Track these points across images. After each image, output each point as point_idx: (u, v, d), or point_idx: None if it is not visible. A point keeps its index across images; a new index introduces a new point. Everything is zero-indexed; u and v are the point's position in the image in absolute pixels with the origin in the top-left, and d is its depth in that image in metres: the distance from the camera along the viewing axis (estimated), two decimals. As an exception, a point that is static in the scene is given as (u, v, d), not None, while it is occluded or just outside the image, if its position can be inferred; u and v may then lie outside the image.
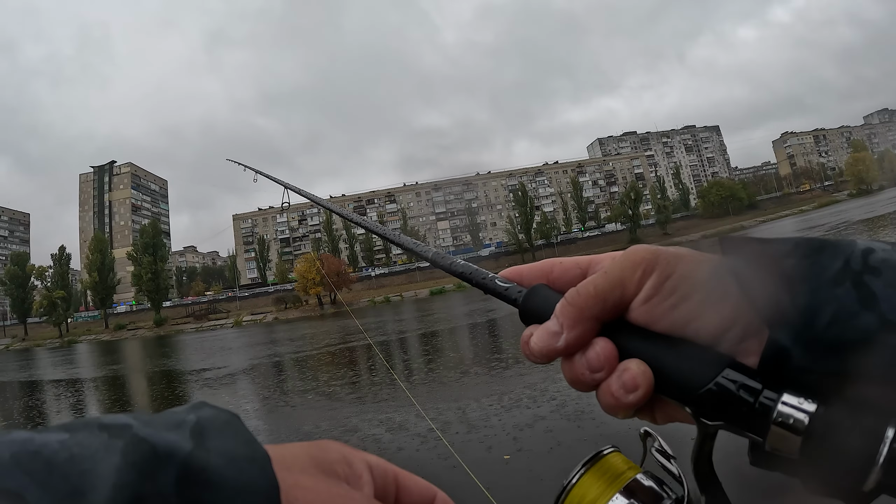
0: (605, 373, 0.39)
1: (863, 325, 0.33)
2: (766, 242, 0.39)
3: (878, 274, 0.34)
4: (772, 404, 0.34)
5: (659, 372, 0.38)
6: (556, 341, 0.41)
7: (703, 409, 0.37)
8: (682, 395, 0.38)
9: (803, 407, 0.34)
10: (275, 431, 8.15)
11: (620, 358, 0.40)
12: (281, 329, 42.27)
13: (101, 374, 22.07)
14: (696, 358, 0.38)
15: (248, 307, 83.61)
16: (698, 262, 0.40)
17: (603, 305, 0.40)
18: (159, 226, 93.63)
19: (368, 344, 19.78)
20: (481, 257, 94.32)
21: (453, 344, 16.30)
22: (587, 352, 0.40)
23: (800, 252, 0.37)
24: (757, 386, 0.36)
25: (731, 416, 0.36)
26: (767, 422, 0.34)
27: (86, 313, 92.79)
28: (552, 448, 5.68)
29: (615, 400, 0.39)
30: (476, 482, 4.01)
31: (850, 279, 0.35)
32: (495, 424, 6.74)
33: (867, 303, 0.34)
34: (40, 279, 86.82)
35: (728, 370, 0.36)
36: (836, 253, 0.36)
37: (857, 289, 0.34)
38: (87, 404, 14.21)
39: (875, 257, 0.35)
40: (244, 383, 14.39)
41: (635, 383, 0.38)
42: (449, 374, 10.64)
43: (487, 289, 0.48)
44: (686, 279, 0.39)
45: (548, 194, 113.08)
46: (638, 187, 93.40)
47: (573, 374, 0.41)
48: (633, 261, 0.41)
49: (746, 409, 0.35)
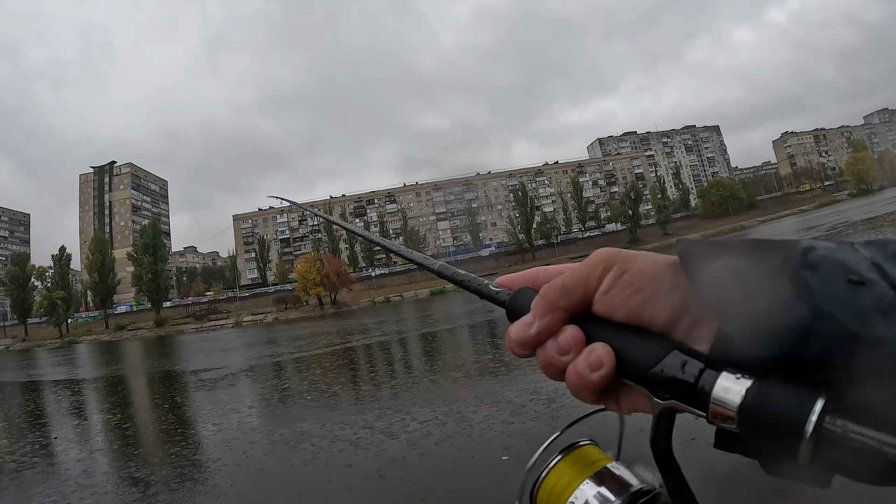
0: (573, 355, 0.44)
1: (798, 315, 0.36)
2: (716, 242, 0.42)
3: (815, 269, 0.37)
4: (711, 380, 0.38)
5: (619, 355, 0.42)
6: (528, 329, 0.46)
7: (654, 387, 0.41)
8: (636, 375, 0.42)
9: (740, 381, 0.37)
10: (274, 430, 8.12)
11: (587, 343, 0.44)
12: (281, 329, 42.25)
13: (100, 375, 22.05)
14: (649, 342, 0.42)
15: (249, 307, 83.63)
16: (653, 261, 0.45)
17: (569, 298, 0.45)
18: (159, 226, 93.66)
19: (368, 344, 19.77)
20: (481, 257, 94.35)
21: (453, 344, 16.27)
22: (558, 337, 0.45)
23: (745, 250, 0.40)
24: (699, 365, 0.39)
25: (677, 394, 0.39)
26: (708, 398, 0.38)
27: (86, 314, 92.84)
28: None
29: (581, 379, 0.43)
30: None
31: (788, 274, 0.37)
32: (496, 425, 6.71)
33: (802, 295, 0.36)
34: (40, 279, 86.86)
35: (675, 352, 0.40)
36: (778, 251, 0.39)
37: (794, 282, 0.37)
38: (86, 404, 14.19)
39: (815, 254, 0.38)
40: (243, 383, 14.37)
41: (600, 362, 0.42)
42: (447, 375, 10.62)
43: (482, 294, 0.53)
44: (640, 273, 0.44)
45: (548, 194, 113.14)
46: (638, 187, 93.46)
47: (545, 358, 0.45)
48: (596, 259, 0.46)
49: (689, 387, 0.39)
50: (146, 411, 11.83)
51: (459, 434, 6.54)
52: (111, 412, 11.79)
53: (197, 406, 11.56)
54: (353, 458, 6.21)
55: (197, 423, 9.70)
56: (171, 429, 9.22)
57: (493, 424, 6.66)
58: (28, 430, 10.32)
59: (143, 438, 8.92)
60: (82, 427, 10.49)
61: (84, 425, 10.68)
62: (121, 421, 10.42)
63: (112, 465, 7.42)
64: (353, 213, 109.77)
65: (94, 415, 12.00)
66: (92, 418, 11.43)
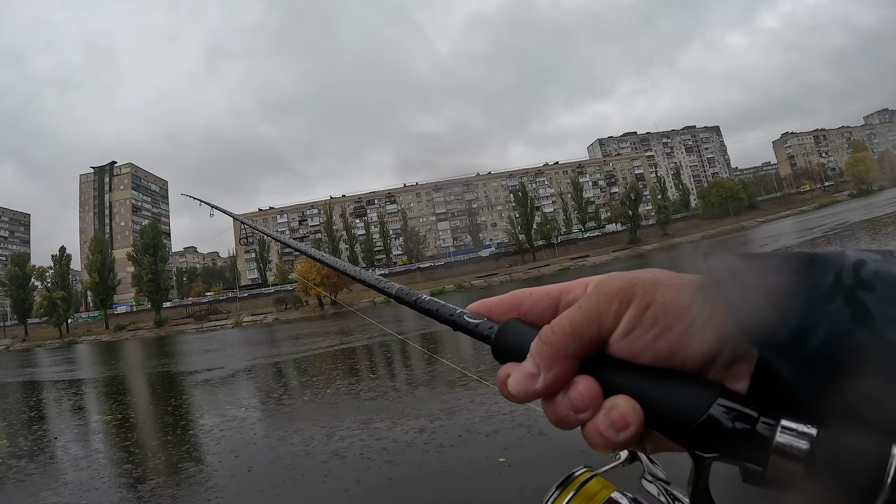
0: (591, 412, 0.37)
1: (858, 342, 0.31)
2: (753, 258, 0.37)
3: (871, 288, 0.33)
4: (769, 433, 0.32)
5: (648, 406, 0.36)
6: (533, 383, 0.39)
7: (698, 442, 0.35)
8: (674, 430, 0.36)
9: (803, 432, 0.32)
10: (272, 431, 8.14)
11: (605, 395, 0.37)
12: (281, 329, 42.27)
13: (99, 376, 22.07)
14: (685, 389, 0.36)
15: (249, 308, 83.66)
16: (679, 288, 0.38)
17: (580, 342, 0.38)
18: (159, 226, 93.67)
19: (367, 344, 19.78)
20: (482, 258, 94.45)
21: (453, 345, 16.28)
22: (569, 391, 0.38)
23: (788, 268, 0.35)
24: (753, 414, 0.34)
25: (728, 448, 0.34)
26: (767, 451, 0.32)
27: (86, 314, 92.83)
28: (549, 452, 5.65)
29: (604, 440, 0.36)
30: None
31: (843, 294, 0.33)
32: (498, 426, 6.73)
33: (861, 319, 0.32)
34: (40, 280, 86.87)
35: (721, 399, 0.34)
36: (827, 267, 0.34)
37: (850, 305, 0.32)
38: (86, 405, 14.21)
39: (867, 270, 0.33)
40: (242, 384, 14.39)
41: (625, 421, 0.36)
42: (445, 378, 10.63)
43: (457, 325, 0.45)
44: (667, 308, 0.37)
45: (548, 195, 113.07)
46: (638, 188, 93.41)
47: (556, 416, 0.39)
48: (609, 293, 0.38)
49: (744, 440, 0.33)
50: (146, 412, 11.85)
51: (456, 435, 6.55)
52: (111, 413, 11.80)
53: (196, 406, 11.58)
54: (352, 458, 6.23)
55: (196, 423, 9.73)
56: (170, 429, 9.25)
57: (494, 426, 6.66)
58: (28, 431, 10.34)
59: (142, 439, 8.93)
60: (82, 427, 10.50)
61: (84, 426, 10.70)
62: (121, 421, 10.44)
63: (111, 465, 7.44)
64: (353, 214, 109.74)
65: (93, 415, 12.02)
66: (92, 419, 11.45)
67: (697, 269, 0.38)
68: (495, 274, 78.83)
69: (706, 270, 0.37)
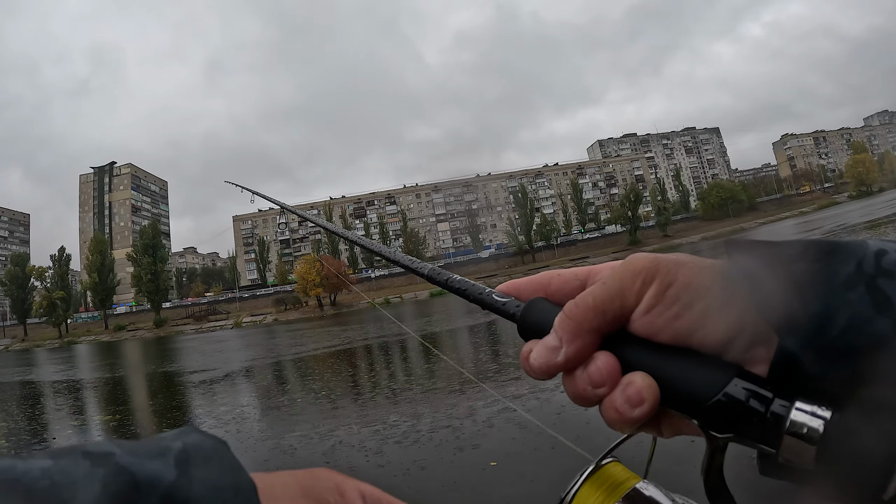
0: (608, 387, 0.38)
1: (878, 330, 0.32)
2: (774, 245, 0.37)
3: (892, 277, 0.33)
4: (784, 413, 0.33)
5: (665, 384, 0.37)
6: (555, 356, 0.39)
7: (712, 421, 0.35)
8: (689, 407, 0.36)
9: (818, 414, 0.32)
10: (274, 432, 8.15)
11: (623, 371, 0.38)
12: (280, 330, 42.27)
13: (99, 376, 22.05)
14: (702, 368, 0.36)
15: (248, 308, 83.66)
16: (700, 269, 0.38)
17: (602, 317, 0.39)
18: (159, 227, 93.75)
19: (367, 345, 19.79)
20: (481, 259, 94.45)
21: (453, 346, 16.29)
22: (588, 366, 0.38)
23: (810, 255, 0.35)
24: (768, 395, 0.34)
25: (742, 428, 0.34)
26: (780, 432, 0.32)
27: (86, 314, 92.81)
28: (547, 451, 5.65)
29: (619, 415, 0.37)
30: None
31: (864, 283, 0.33)
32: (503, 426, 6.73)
33: (882, 307, 0.32)
34: (40, 280, 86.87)
35: (736, 379, 0.35)
36: (848, 256, 0.34)
37: (871, 293, 0.33)
38: (85, 405, 14.20)
39: (888, 259, 0.34)
40: (241, 384, 14.40)
41: (640, 397, 0.36)
42: (445, 380, 10.64)
43: (485, 304, 0.47)
44: (688, 287, 0.37)
45: (548, 196, 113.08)
46: (638, 189, 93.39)
47: (575, 390, 0.39)
48: (633, 270, 0.39)
49: (757, 420, 0.34)
50: (144, 412, 11.85)
51: (454, 437, 6.55)
52: (110, 413, 11.80)
53: (194, 407, 11.58)
54: (351, 459, 6.23)
55: (196, 422, 9.72)
56: (169, 428, 9.23)
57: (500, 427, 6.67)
58: (27, 431, 10.33)
59: (140, 438, 8.92)
60: (81, 428, 10.50)
61: (83, 426, 10.69)
62: (120, 422, 10.43)
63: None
64: (353, 215, 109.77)
65: (93, 416, 12.02)
66: (91, 419, 11.45)
67: (719, 256, 0.38)
68: (495, 275, 78.74)
69: (728, 255, 0.38)
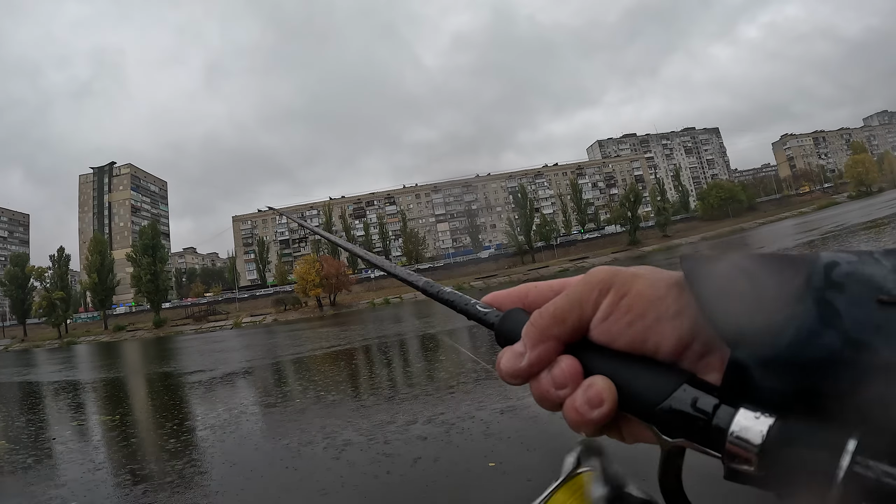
0: (571, 389, 0.40)
1: (825, 343, 0.32)
2: (727, 259, 0.38)
3: (841, 289, 0.33)
4: (728, 418, 0.34)
5: (621, 388, 0.38)
6: (520, 361, 0.42)
7: (663, 425, 0.37)
8: (642, 411, 0.38)
9: (760, 419, 0.33)
10: (270, 431, 8.14)
11: (585, 375, 0.40)
12: (280, 330, 42.25)
13: (98, 377, 22.04)
14: (655, 374, 0.38)
15: (248, 309, 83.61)
16: (655, 281, 0.40)
17: (563, 325, 0.41)
18: (158, 227, 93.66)
19: (366, 345, 19.77)
20: (481, 259, 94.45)
21: (453, 346, 16.27)
22: (552, 369, 0.41)
23: (761, 268, 0.36)
24: (713, 401, 0.35)
25: (689, 432, 0.36)
26: (724, 437, 0.34)
27: (85, 314, 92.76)
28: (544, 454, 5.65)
29: (580, 416, 0.39)
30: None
31: (812, 296, 0.34)
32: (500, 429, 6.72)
33: (829, 320, 0.32)
34: (40, 280, 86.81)
35: (686, 386, 0.36)
36: (798, 269, 0.35)
37: (819, 306, 0.33)
38: (85, 405, 14.19)
39: (839, 271, 0.34)
40: (240, 384, 14.39)
41: (600, 398, 0.38)
42: (443, 382, 10.63)
43: (470, 314, 0.49)
44: (641, 297, 0.40)
45: (547, 196, 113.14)
46: (637, 189, 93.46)
47: (539, 392, 0.42)
48: (591, 282, 0.42)
49: (703, 425, 0.35)
50: (144, 412, 11.84)
51: (453, 439, 6.54)
52: (109, 413, 11.79)
53: (194, 407, 11.57)
54: (349, 460, 6.22)
55: (194, 423, 9.70)
56: (168, 429, 9.22)
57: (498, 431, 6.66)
58: (27, 431, 10.32)
59: (140, 439, 8.92)
60: (81, 428, 10.49)
61: (82, 426, 10.68)
62: (119, 421, 10.42)
63: (108, 465, 7.43)
64: (353, 215, 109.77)
65: (92, 415, 12.00)
66: (90, 419, 11.44)
67: (676, 267, 0.40)
68: (494, 275, 78.79)
69: (682, 268, 0.39)
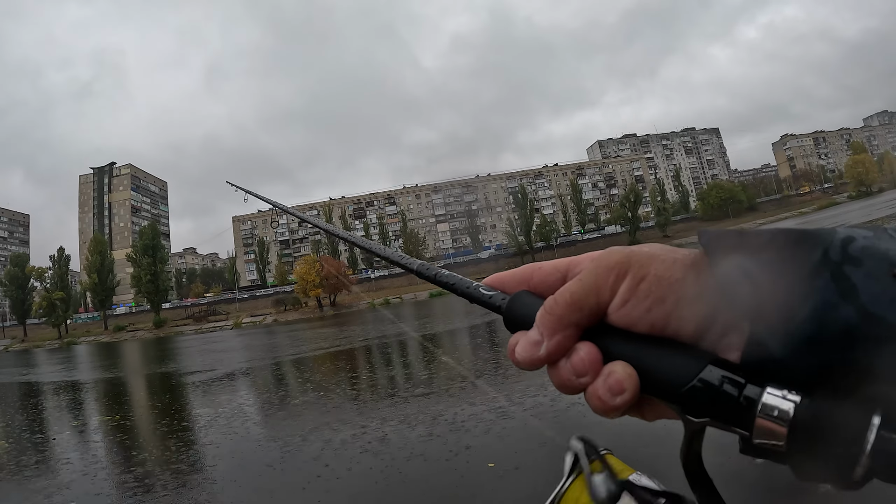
0: (591, 377, 0.39)
1: (843, 317, 0.32)
2: (744, 235, 0.38)
3: (858, 264, 0.33)
4: (756, 397, 0.34)
5: (643, 372, 0.38)
6: (537, 350, 0.41)
7: (688, 405, 0.37)
8: (667, 393, 0.38)
9: (787, 398, 0.33)
10: (271, 431, 8.13)
11: (605, 361, 0.39)
12: (280, 331, 42.24)
13: (98, 377, 22.03)
14: (677, 356, 0.38)
15: (248, 309, 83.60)
16: (672, 262, 0.40)
17: (580, 312, 0.40)
18: (158, 227, 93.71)
19: (366, 346, 19.76)
20: (481, 259, 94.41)
21: (452, 348, 16.28)
22: (571, 357, 0.40)
23: (777, 244, 0.36)
24: (740, 380, 0.35)
25: (716, 412, 0.36)
26: (752, 415, 0.34)
27: (85, 315, 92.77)
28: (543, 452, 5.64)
29: (603, 403, 0.39)
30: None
31: (830, 270, 0.34)
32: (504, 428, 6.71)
33: (847, 294, 0.33)
34: (40, 280, 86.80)
35: (710, 366, 0.36)
36: (815, 243, 0.35)
37: (837, 280, 0.33)
38: (85, 406, 14.18)
39: (855, 246, 0.34)
40: (240, 384, 14.38)
41: (621, 386, 0.38)
42: (445, 381, 10.63)
43: (472, 297, 0.48)
44: (660, 280, 0.39)
45: (547, 196, 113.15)
46: (638, 189, 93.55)
47: (560, 380, 0.41)
48: (607, 265, 0.41)
49: (731, 404, 0.35)
50: (144, 412, 11.82)
51: (451, 438, 6.53)
52: (109, 413, 11.78)
53: (194, 407, 11.56)
54: (347, 458, 6.21)
55: (194, 423, 9.70)
56: (168, 429, 9.22)
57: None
58: (27, 432, 10.31)
59: (141, 439, 8.91)
60: (81, 428, 10.48)
61: (82, 426, 10.67)
62: (119, 422, 10.42)
63: (108, 466, 7.42)
64: (353, 215, 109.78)
65: (92, 416, 12.00)
66: (90, 419, 11.43)
67: (693, 245, 0.40)
68: (495, 275, 78.68)
69: (700, 245, 0.39)
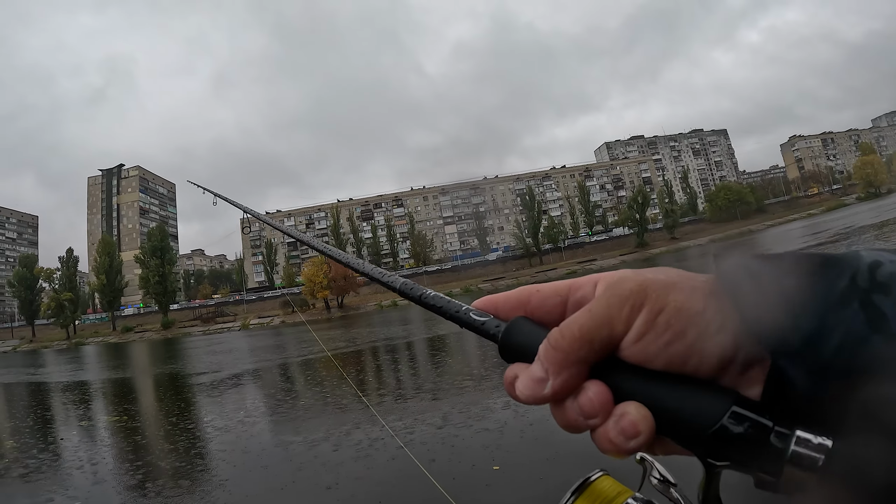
0: (601, 418, 0.36)
1: (873, 349, 0.30)
2: (765, 259, 0.35)
3: (887, 291, 0.31)
4: (784, 444, 0.32)
5: (660, 413, 0.35)
6: (542, 388, 0.37)
7: (711, 450, 0.34)
8: (688, 438, 0.35)
9: (819, 444, 0.31)
10: (276, 432, 8.12)
11: (616, 400, 0.36)
12: (288, 332, 42.31)
13: (107, 377, 22.12)
14: (699, 397, 0.35)
15: (256, 310, 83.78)
16: (691, 290, 0.36)
17: (590, 347, 0.36)
18: (167, 229, 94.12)
19: (374, 347, 19.75)
20: (489, 261, 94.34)
21: (457, 348, 16.24)
22: (579, 397, 0.36)
23: (802, 270, 0.34)
24: (768, 423, 0.33)
25: (742, 457, 0.33)
26: (781, 461, 0.32)
27: (93, 315, 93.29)
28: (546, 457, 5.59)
29: (614, 446, 0.35)
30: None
31: (858, 299, 0.32)
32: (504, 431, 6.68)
33: (877, 325, 0.31)
34: (48, 281, 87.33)
35: (735, 408, 0.33)
36: (842, 269, 0.33)
37: (866, 309, 0.31)
38: (93, 406, 14.23)
39: (883, 271, 0.32)
40: (247, 385, 14.39)
41: (636, 429, 0.34)
42: (452, 382, 10.59)
43: (462, 322, 0.44)
44: (680, 312, 0.35)
45: (555, 198, 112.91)
46: (645, 191, 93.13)
47: (565, 421, 0.37)
48: (620, 295, 0.37)
49: (758, 450, 0.33)
50: (151, 413, 11.85)
51: (457, 441, 6.50)
52: (117, 414, 11.81)
53: (201, 407, 11.57)
54: (353, 459, 6.19)
55: (201, 423, 9.71)
56: (174, 430, 9.23)
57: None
58: (36, 432, 10.35)
59: (148, 439, 8.92)
60: (89, 428, 10.51)
61: (90, 427, 10.70)
62: (126, 423, 10.44)
63: (116, 465, 7.42)
64: (360, 217, 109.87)
65: (100, 416, 12.02)
66: (98, 420, 11.46)
67: (709, 271, 0.37)
68: (502, 278, 78.67)
69: (717, 272, 0.36)
